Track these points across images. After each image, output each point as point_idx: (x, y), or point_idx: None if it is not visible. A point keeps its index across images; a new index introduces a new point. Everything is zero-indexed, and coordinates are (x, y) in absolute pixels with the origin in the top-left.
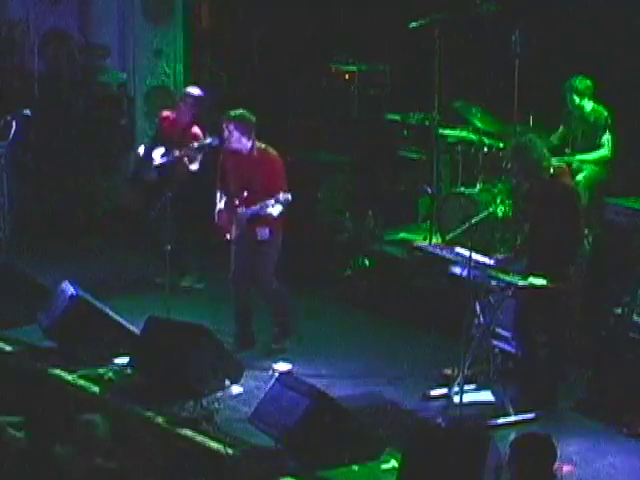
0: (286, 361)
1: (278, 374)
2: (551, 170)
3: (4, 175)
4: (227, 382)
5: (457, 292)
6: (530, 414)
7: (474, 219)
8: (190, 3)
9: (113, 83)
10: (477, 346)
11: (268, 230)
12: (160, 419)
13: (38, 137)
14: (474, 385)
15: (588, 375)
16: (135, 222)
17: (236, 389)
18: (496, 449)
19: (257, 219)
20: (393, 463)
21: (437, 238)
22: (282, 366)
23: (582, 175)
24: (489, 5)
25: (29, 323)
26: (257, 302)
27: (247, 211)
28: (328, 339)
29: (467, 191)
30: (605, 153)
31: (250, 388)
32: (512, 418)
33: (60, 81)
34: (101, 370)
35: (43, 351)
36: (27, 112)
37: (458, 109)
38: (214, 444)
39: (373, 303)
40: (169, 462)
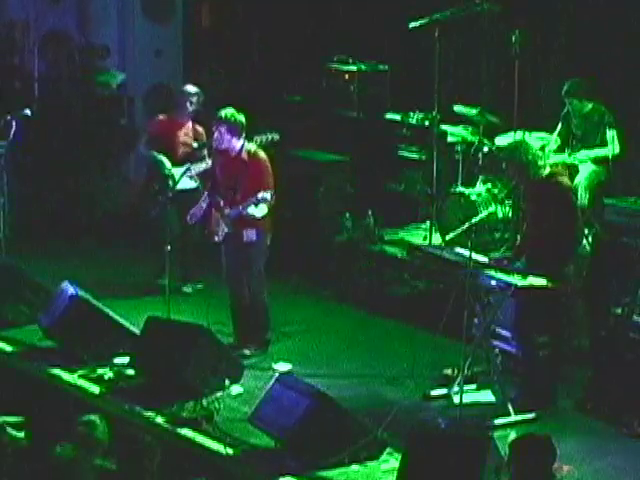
0: (286, 361)
1: (278, 374)
2: (547, 170)
3: (4, 175)
4: (227, 382)
5: (457, 292)
6: (530, 414)
7: (474, 219)
8: (190, 2)
9: (113, 83)
10: (477, 346)
11: (255, 232)
12: (160, 419)
13: (38, 137)
14: (474, 385)
15: (588, 375)
16: (135, 222)
17: (236, 389)
18: (496, 449)
19: (244, 221)
20: (393, 463)
21: (437, 238)
22: (282, 366)
23: (582, 175)
24: (489, 5)
25: (29, 323)
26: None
27: (232, 212)
28: (328, 339)
29: (467, 191)
30: (612, 150)
31: (250, 388)
32: (512, 418)
33: (60, 81)
34: (101, 370)
35: (43, 351)
36: (27, 112)
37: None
38: (214, 444)
39: (373, 303)
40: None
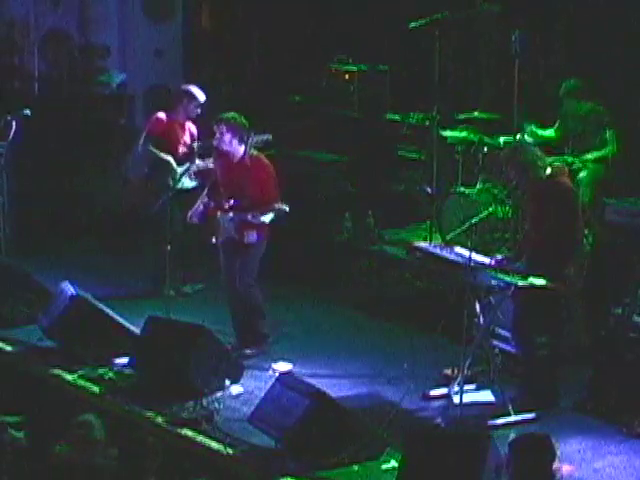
0: (286, 361)
1: (278, 374)
2: (548, 170)
3: (4, 175)
4: (227, 382)
5: (457, 292)
6: (530, 414)
7: (474, 219)
8: (190, 2)
9: (113, 83)
10: (477, 346)
11: (255, 234)
12: (160, 419)
13: (38, 137)
14: (474, 385)
15: (588, 375)
16: (135, 222)
17: (236, 389)
18: (496, 449)
19: (246, 222)
20: (393, 463)
21: (437, 238)
22: (282, 366)
23: (583, 175)
24: (489, 5)
25: (29, 323)
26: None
27: (236, 217)
28: (328, 339)
29: (467, 191)
30: (611, 150)
31: (250, 388)
32: (512, 418)
33: (60, 81)
34: (101, 370)
35: (43, 351)
36: (27, 112)
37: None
38: (214, 444)
39: (373, 303)
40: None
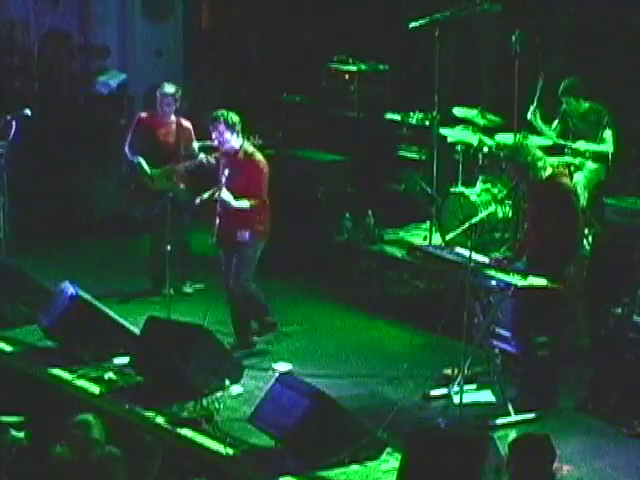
0: (286, 361)
1: (278, 374)
2: (549, 170)
3: (4, 175)
4: (227, 382)
5: (457, 292)
6: (530, 414)
7: (474, 219)
8: (190, 3)
9: (113, 83)
10: (477, 346)
11: (248, 233)
12: (160, 419)
13: (38, 137)
14: (474, 385)
15: (588, 375)
16: (135, 222)
17: (236, 389)
18: (496, 449)
19: (237, 221)
20: (393, 463)
21: (437, 238)
22: (282, 366)
23: (581, 175)
24: (489, 5)
25: (29, 323)
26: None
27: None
28: (328, 339)
29: (467, 191)
30: (608, 148)
31: (250, 388)
32: (512, 418)
33: (60, 81)
34: (101, 370)
35: (43, 351)
36: (27, 112)
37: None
38: (214, 444)
39: (373, 303)
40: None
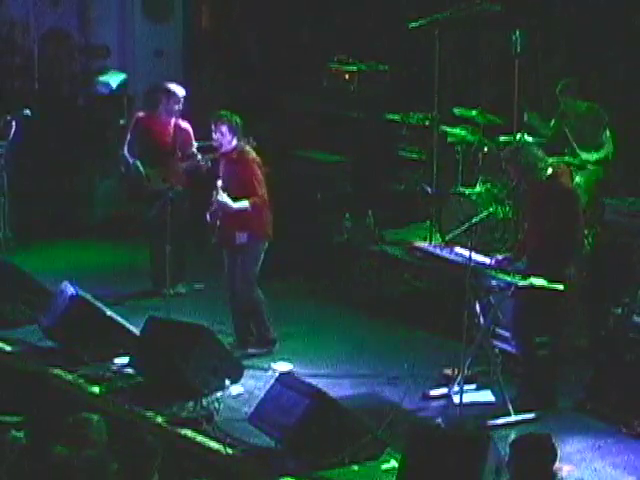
0: (286, 361)
1: (278, 374)
2: (549, 171)
3: (4, 175)
4: (227, 382)
5: (457, 292)
6: (530, 414)
7: (474, 219)
8: (190, 3)
9: (113, 83)
10: (477, 346)
11: (246, 235)
12: (160, 419)
13: (38, 137)
14: (474, 385)
15: (588, 375)
16: (135, 222)
17: (236, 389)
18: (496, 449)
19: (235, 223)
20: (393, 463)
21: (437, 238)
22: (282, 366)
23: (581, 175)
24: (489, 5)
25: (29, 323)
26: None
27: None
28: (328, 339)
29: (467, 191)
30: (609, 150)
31: (250, 388)
32: (512, 418)
33: (60, 81)
34: (101, 370)
35: (43, 351)
36: (27, 112)
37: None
38: (214, 444)
39: (373, 303)
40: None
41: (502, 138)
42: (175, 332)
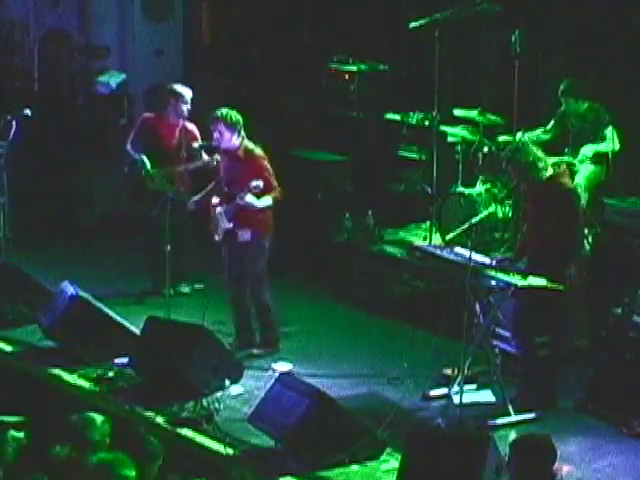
0: (286, 361)
1: (278, 374)
2: (549, 171)
3: (4, 175)
4: (227, 382)
5: (457, 292)
6: (530, 414)
7: (474, 219)
8: (190, 3)
9: (113, 83)
10: (477, 346)
11: (249, 232)
12: (160, 419)
13: (38, 137)
14: (474, 385)
15: (588, 375)
16: (135, 222)
17: (236, 389)
18: (496, 449)
19: (238, 220)
20: (393, 463)
21: (437, 238)
22: (282, 366)
23: (581, 176)
24: (489, 5)
25: (29, 323)
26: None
27: (229, 208)
28: (328, 339)
29: (467, 191)
30: (610, 145)
31: (250, 388)
32: (512, 418)
33: (60, 81)
34: (101, 370)
35: (43, 351)
36: (27, 112)
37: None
38: (214, 444)
39: (373, 303)
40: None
41: (502, 138)
42: (175, 332)
